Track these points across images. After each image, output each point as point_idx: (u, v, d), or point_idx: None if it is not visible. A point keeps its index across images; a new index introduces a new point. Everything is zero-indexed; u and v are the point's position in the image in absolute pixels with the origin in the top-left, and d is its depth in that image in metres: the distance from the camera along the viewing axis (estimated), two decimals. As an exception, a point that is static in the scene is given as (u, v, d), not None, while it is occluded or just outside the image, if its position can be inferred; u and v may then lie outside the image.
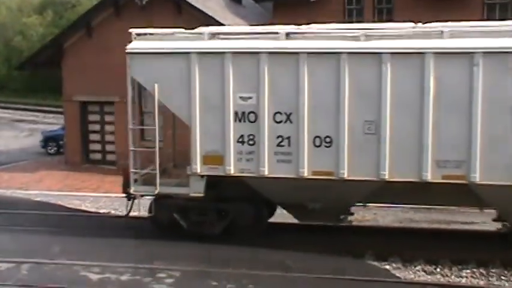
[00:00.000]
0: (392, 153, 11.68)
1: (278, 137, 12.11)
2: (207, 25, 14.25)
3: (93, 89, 22.98)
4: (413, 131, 11.59)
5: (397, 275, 11.47)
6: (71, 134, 24.29)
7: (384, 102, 11.59)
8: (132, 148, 12.95)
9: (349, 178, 11.89)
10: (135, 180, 13.01)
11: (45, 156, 27.54)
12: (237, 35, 12.59)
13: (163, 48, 12.49)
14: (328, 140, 11.92)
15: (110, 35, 22.06)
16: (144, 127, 15.48)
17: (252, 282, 10.78)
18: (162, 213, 13.10)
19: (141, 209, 13.30)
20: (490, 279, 11.22)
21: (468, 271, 11.52)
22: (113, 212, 16.45)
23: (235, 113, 12.21)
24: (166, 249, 12.64)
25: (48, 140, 28.52)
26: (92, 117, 24.23)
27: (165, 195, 12.90)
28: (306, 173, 12.03)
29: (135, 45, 12.69)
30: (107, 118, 23.77)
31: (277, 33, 12.22)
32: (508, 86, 11.24)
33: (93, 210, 16.76)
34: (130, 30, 12.91)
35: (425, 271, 11.61)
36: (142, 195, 13.19)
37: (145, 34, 12.87)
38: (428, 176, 11.61)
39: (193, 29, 12.99)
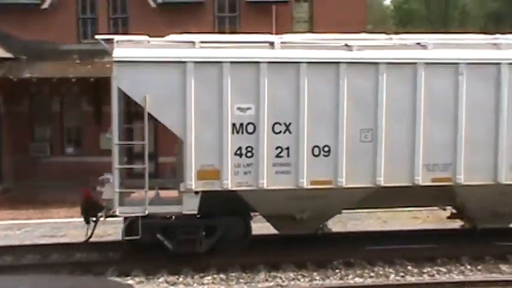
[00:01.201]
0: (387, 160, 12.13)
1: (277, 148, 11.91)
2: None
3: None
4: (406, 137, 12.16)
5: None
6: None
7: (379, 111, 12.02)
8: (117, 166, 11.78)
9: (347, 186, 12.14)
10: (120, 201, 11.84)
11: None
12: (233, 43, 12.17)
13: (156, 57, 11.58)
14: (326, 149, 12.03)
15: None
16: (134, 143, 13.92)
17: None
18: (143, 235, 11.91)
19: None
20: (230, 283, 11.54)
21: (209, 277, 11.75)
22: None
23: (233, 125, 11.76)
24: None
25: None
26: None
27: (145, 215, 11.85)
28: (305, 183, 11.99)
29: (123, 53, 11.60)
30: None
31: (273, 42, 12.09)
32: (488, 94, 12.24)
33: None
34: (113, 36, 11.92)
35: (168, 282, 11.55)
36: (126, 217, 12.00)
37: (129, 41, 11.92)
38: (420, 180, 12.26)
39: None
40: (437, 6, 57.95)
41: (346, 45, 12.16)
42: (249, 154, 11.85)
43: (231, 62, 11.67)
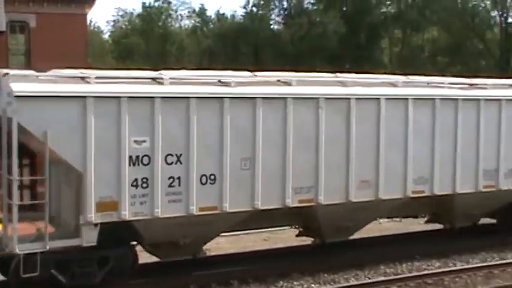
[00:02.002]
0: (263, 185, 13.48)
1: (169, 178, 12.61)
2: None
3: None
4: (278, 164, 13.63)
5: None
6: None
7: (257, 141, 13.34)
8: (16, 202, 11.47)
9: (231, 211, 13.33)
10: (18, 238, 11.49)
11: None
12: (128, 79, 12.66)
13: (56, 92, 11.60)
14: (212, 177, 13.02)
15: None
16: (34, 177, 13.38)
17: None
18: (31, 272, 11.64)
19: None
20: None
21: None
22: None
23: (130, 157, 12.24)
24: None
25: None
26: None
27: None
28: (195, 210, 12.83)
29: (22, 88, 11.41)
30: None
31: (162, 78, 12.79)
32: (341, 125, 14.34)
33: None
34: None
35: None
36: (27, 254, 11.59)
37: (25, 76, 11.84)
38: (290, 202, 13.87)
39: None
40: (156, 41, 60.49)
41: (219, 81, 13.43)
42: (144, 185, 12.37)
43: (128, 97, 12.19)
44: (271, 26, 57.72)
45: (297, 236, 16.01)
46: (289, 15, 57.50)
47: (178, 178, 12.69)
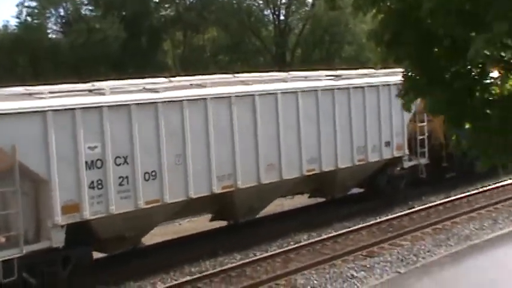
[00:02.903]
0: (194, 177, 15.14)
1: (120, 177, 13.97)
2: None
3: None
4: (204, 157, 15.40)
5: None
6: None
7: (186, 140, 15.00)
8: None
9: (171, 201, 14.72)
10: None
11: None
12: (78, 91, 13.53)
13: (20, 108, 12.54)
14: (154, 173, 14.49)
15: None
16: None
17: None
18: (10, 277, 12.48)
19: None
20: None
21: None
22: None
23: (86, 162, 13.41)
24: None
25: None
26: None
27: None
28: (142, 204, 14.34)
29: None
30: None
31: (103, 89, 13.97)
32: (250, 117, 16.34)
33: None
34: None
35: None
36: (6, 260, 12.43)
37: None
38: (215, 189, 15.62)
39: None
40: None
41: (144, 88, 14.76)
42: (99, 186, 13.67)
43: (82, 108, 13.23)
44: (49, 35, 56.37)
45: (211, 221, 17.93)
46: (67, 23, 56.64)
47: (127, 177, 14.18)
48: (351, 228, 18.22)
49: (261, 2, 55.17)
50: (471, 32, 7.01)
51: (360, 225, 18.50)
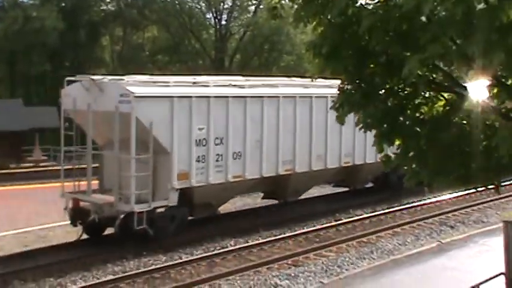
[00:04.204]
0: (266, 159, 19.04)
1: (217, 154, 17.78)
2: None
3: None
4: (274, 144, 19.22)
5: None
6: None
7: (264, 128, 18.94)
8: (134, 174, 16.16)
9: (249, 178, 18.77)
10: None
11: None
12: (184, 82, 18.10)
13: (156, 93, 16.52)
14: (239, 154, 18.34)
15: None
16: (143, 156, 16.57)
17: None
18: (132, 228, 16.19)
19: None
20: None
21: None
22: None
23: (195, 140, 17.17)
24: None
25: None
26: None
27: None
28: (230, 178, 18.24)
29: (138, 90, 16.11)
30: None
31: (208, 82, 18.27)
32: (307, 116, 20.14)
33: None
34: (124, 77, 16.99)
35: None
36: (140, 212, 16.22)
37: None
38: (280, 170, 19.49)
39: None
40: None
41: (231, 84, 18.86)
42: (203, 160, 17.44)
43: (196, 97, 17.30)
44: (-17, 21, 54.73)
45: (263, 198, 22.40)
46: (2, 9, 55.22)
47: (221, 155, 17.94)
48: (278, 237, 18.39)
49: (203, 5, 55.07)
50: (406, 52, 7.19)
51: (287, 234, 18.67)
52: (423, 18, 6.80)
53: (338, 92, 8.46)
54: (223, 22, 54.94)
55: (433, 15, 6.73)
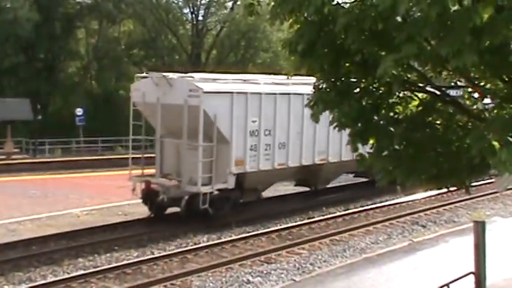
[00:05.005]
0: (305, 149, 21.17)
1: (266, 144, 20.02)
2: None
3: None
4: (311, 137, 21.30)
5: None
6: None
7: (304, 122, 20.73)
8: (201, 160, 18.53)
9: (291, 166, 20.90)
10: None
11: None
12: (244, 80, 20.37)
13: (220, 89, 18.72)
14: (284, 144, 20.50)
15: None
16: (209, 144, 18.84)
17: None
18: (196, 208, 18.53)
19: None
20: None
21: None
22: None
23: (249, 131, 19.43)
24: None
25: None
26: None
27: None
28: (276, 165, 20.48)
29: (206, 86, 18.38)
30: None
31: (258, 80, 20.65)
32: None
33: None
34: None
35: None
36: (205, 193, 18.61)
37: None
38: (316, 160, 21.66)
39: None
40: None
41: (273, 82, 20.80)
42: (255, 149, 19.76)
43: (251, 93, 19.57)
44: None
45: (295, 185, 24.57)
46: (-27, -1, 54.43)
47: (269, 145, 20.18)
48: (251, 233, 18.40)
49: (180, 0, 54.89)
50: (382, 51, 7.21)
51: (260, 231, 18.70)
52: (398, 18, 6.83)
53: (313, 90, 8.47)
54: (200, 18, 54.80)
55: (409, 15, 6.76)
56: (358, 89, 8.25)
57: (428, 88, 8.36)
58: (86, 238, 17.44)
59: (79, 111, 43.57)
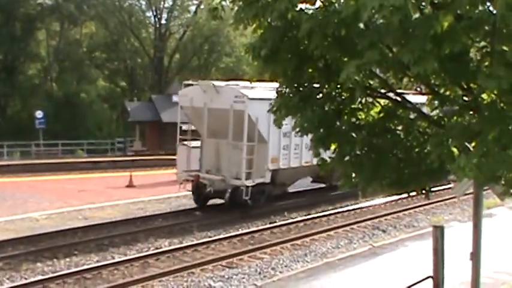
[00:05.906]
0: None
1: (295, 144, 22.44)
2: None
3: None
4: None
5: None
6: None
7: None
8: (245, 157, 21.40)
9: (315, 164, 20.93)
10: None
11: None
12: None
13: (261, 95, 19.86)
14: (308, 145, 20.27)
15: None
16: (251, 143, 21.66)
17: None
18: (238, 199, 21.34)
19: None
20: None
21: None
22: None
23: (283, 133, 21.56)
24: None
25: None
26: None
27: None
28: (303, 163, 23.03)
29: (250, 93, 20.89)
30: None
31: None
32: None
33: None
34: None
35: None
36: (247, 186, 21.39)
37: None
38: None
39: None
40: None
41: None
42: (287, 148, 22.38)
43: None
44: None
45: (312, 182, 26.99)
46: None
47: (298, 145, 22.53)
48: (213, 238, 18.35)
49: (143, 3, 54.65)
50: (344, 57, 7.28)
51: (222, 236, 18.66)
52: (361, 25, 6.91)
53: (276, 96, 8.50)
54: (163, 21, 54.64)
55: (371, 22, 6.84)
56: (320, 95, 8.31)
57: (389, 94, 8.45)
58: (45, 242, 17.17)
59: (39, 113, 43.01)
